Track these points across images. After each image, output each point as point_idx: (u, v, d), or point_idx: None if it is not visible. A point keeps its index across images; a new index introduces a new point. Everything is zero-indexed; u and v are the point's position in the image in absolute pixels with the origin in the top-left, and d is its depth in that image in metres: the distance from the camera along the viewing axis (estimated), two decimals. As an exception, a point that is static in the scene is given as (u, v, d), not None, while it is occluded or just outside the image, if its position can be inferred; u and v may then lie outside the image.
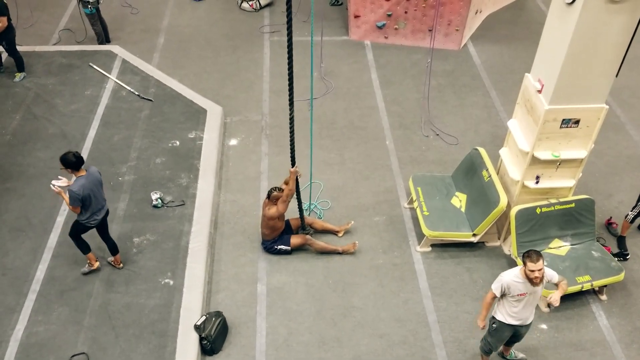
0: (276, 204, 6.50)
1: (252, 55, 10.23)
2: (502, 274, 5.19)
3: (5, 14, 8.56)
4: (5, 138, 8.12)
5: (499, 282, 5.16)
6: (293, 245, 6.82)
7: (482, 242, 7.09)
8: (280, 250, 6.83)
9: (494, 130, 8.80)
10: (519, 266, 5.20)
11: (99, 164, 7.77)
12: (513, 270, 5.19)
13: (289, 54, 5.38)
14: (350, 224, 7.19)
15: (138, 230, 6.95)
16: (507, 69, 10.10)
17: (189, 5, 11.60)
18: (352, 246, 6.87)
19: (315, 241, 6.86)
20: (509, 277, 5.11)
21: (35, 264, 6.55)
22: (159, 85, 9.23)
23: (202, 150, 8.03)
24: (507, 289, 5.12)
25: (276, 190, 6.51)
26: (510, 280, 5.10)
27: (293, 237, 6.85)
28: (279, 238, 6.81)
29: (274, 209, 6.49)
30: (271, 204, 6.53)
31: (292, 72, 5.56)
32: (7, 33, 8.73)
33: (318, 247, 6.86)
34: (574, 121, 6.03)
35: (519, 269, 5.12)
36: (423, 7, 10.00)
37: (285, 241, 6.81)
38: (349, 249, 6.86)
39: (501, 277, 5.17)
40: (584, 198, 6.64)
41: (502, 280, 5.13)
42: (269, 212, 6.53)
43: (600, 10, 5.25)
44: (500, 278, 5.17)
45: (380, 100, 9.33)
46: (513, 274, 5.12)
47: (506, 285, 5.10)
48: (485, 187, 6.79)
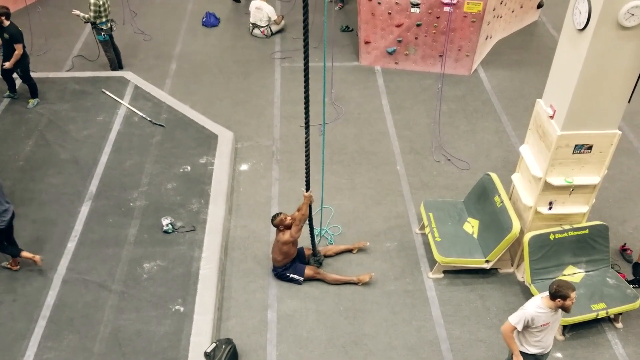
0: (287, 229, 6.47)
1: (264, 81, 10.32)
2: (524, 307, 5.04)
3: (20, 41, 8.73)
4: (18, 164, 8.20)
5: (522, 316, 4.99)
6: (307, 276, 6.77)
7: (495, 269, 7.00)
8: (292, 279, 6.78)
9: (506, 155, 8.76)
10: (538, 296, 5.08)
11: (111, 189, 7.82)
12: (534, 301, 5.04)
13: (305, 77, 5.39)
14: (366, 243, 7.14)
15: (148, 256, 6.94)
16: (518, 94, 10.10)
17: (201, 32, 11.77)
18: (367, 276, 6.78)
19: (326, 275, 6.80)
20: (532, 309, 4.97)
21: (45, 289, 6.54)
22: (171, 111, 9.31)
23: (213, 176, 8.05)
24: (530, 321, 4.98)
25: (278, 216, 6.51)
26: (534, 312, 4.96)
27: (308, 268, 6.80)
28: (291, 266, 6.76)
29: (288, 234, 6.47)
30: (284, 229, 6.51)
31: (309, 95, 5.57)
32: (21, 60, 8.89)
33: (331, 280, 6.80)
34: (586, 147, 5.99)
35: (540, 299, 5.00)
36: (433, 33, 10.08)
37: (299, 271, 6.76)
38: (365, 279, 6.77)
39: (523, 310, 5.01)
40: (598, 224, 6.56)
41: (526, 314, 4.97)
42: (283, 237, 6.50)
43: (611, 36, 5.25)
44: (522, 312, 5.01)
45: (391, 126, 9.35)
46: (535, 305, 4.98)
47: (530, 318, 4.96)
48: (497, 213, 6.74)
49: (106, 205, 7.60)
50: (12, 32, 8.62)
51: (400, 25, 10.13)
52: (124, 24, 11.63)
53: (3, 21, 8.48)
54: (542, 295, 5.07)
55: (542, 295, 5.07)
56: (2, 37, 8.64)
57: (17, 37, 8.67)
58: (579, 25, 5.40)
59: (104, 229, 7.27)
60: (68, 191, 7.80)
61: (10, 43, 8.69)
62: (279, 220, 6.51)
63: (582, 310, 6.09)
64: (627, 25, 5.16)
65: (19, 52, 8.74)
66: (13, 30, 8.64)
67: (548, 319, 4.98)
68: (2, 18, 8.45)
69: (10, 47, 8.73)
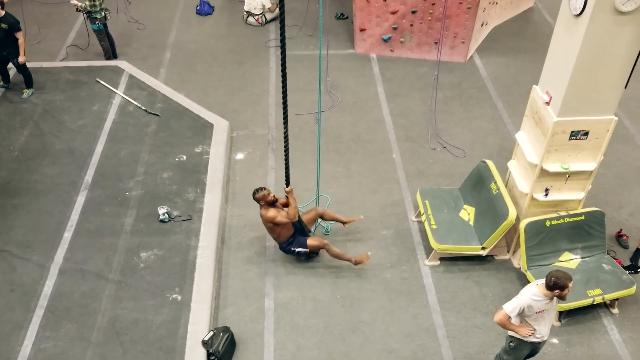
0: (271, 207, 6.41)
1: (258, 69, 10.27)
2: (519, 295, 5.02)
3: (20, 29, 8.68)
4: (13, 154, 8.16)
5: (517, 304, 4.97)
6: (311, 247, 6.67)
7: (491, 256, 7.03)
8: (299, 252, 6.71)
9: (502, 142, 8.76)
10: (533, 284, 5.06)
11: (106, 179, 7.79)
12: (529, 289, 5.02)
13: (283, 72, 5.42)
14: (359, 217, 7.12)
15: (145, 245, 6.94)
16: (514, 81, 10.08)
17: (195, 21, 11.69)
18: (365, 257, 6.77)
19: (332, 247, 6.73)
20: (527, 296, 4.95)
21: (42, 279, 6.54)
22: (166, 100, 9.27)
23: (208, 165, 8.03)
24: (526, 309, 4.97)
25: (260, 191, 6.38)
26: (529, 299, 4.94)
27: (311, 239, 6.71)
28: (294, 240, 6.68)
29: (272, 212, 6.38)
30: (268, 207, 6.42)
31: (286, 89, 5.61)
32: (17, 49, 8.80)
33: (333, 253, 6.74)
34: (582, 133, 5.99)
35: (536, 286, 4.99)
36: (429, 20, 10.03)
37: (302, 243, 6.66)
38: (362, 259, 6.76)
39: (519, 299, 4.99)
40: (594, 210, 6.57)
41: (521, 302, 4.95)
42: (266, 214, 6.40)
43: (608, 22, 5.23)
44: (517, 300, 4.99)
45: (387, 113, 9.33)
46: (531, 293, 4.96)
47: (526, 305, 4.94)
48: (493, 200, 6.75)
49: (102, 195, 7.58)
50: (10, 22, 8.56)
51: (396, 12, 10.08)
52: (118, 12, 11.54)
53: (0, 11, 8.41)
54: (537, 282, 5.06)
55: (537, 282, 5.06)
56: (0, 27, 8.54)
57: (17, 25, 8.62)
58: (575, 11, 5.38)
59: (100, 219, 7.25)
60: (63, 181, 7.77)
61: (9, 33, 8.61)
62: (260, 196, 6.35)
63: (578, 296, 6.12)
64: (624, 10, 5.14)
65: (22, 40, 8.71)
66: (11, 19, 8.58)
67: (543, 307, 4.98)
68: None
69: (8, 37, 8.64)
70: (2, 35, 8.62)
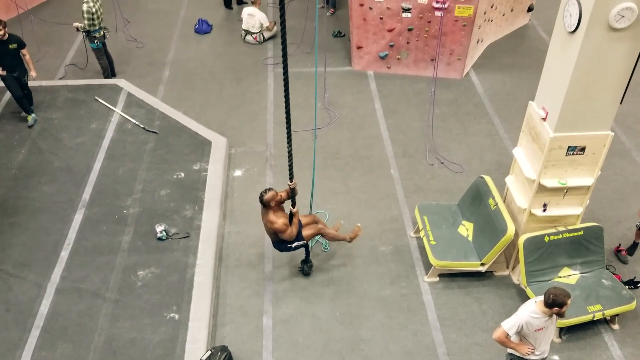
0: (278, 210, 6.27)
1: (257, 86, 10.32)
2: (518, 313, 5.00)
3: (26, 44, 8.75)
4: (11, 172, 8.15)
5: (516, 321, 4.95)
6: (306, 237, 6.54)
7: (491, 272, 7.00)
8: (296, 246, 6.56)
9: (499, 158, 8.78)
10: (532, 301, 5.05)
11: (104, 197, 7.78)
12: (528, 307, 5.01)
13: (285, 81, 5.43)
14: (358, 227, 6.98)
15: (142, 264, 6.90)
16: (510, 96, 10.14)
17: (193, 39, 11.77)
18: (357, 229, 6.79)
19: (327, 230, 6.70)
20: (526, 314, 4.93)
21: (39, 298, 6.49)
22: (164, 117, 9.29)
23: (206, 182, 8.03)
24: (524, 327, 4.94)
25: (267, 192, 6.13)
26: (527, 317, 4.92)
27: (305, 229, 6.56)
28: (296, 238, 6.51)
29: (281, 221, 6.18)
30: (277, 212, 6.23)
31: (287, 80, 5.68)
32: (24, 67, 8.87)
33: (330, 236, 6.73)
34: (579, 148, 6.01)
35: (534, 304, 4.98)
36: (425, 37, 10.11)
37: (299, 237, 6.49)
38: (355, 233, 6.77)
39: (517, 316, 4.97)
40: (592, 225, 6.57)
41: (520, 319, 4.94)
42: (276, 221, 6.16)
43: (602, 38, 5.28)
44: (516, 318, 4.97)
45: (384, 130, 9.36)
46: (529, 310, 4.94)
47: (524, 323, 4.93)
48: (492, 215, 6.74)
49: (99, 212, 7.56)
50: (17, 40, 8.63)
51: (392, 30, 10.16)
52: (117, 31, 11.62)
53: (5, 33, 8.37)
54: (535, 300, 5.04)
55: (535, 300, 5.04)
56: (8, 48, 8.50)
57: (23, 41, 8.70)
58: (569, 28, 5.43)
59: (98, 237, 7.23)
60: (61, 199, 7.76)
61: (17, 52, 8.64)
62: (270, 197, 6.09)
63: (578, 312, 6.09)
64: (617, 27, 5.19)
65: (29, 55, 8.81)
66: (16, 37, 8.66)
67: (542, 324, 4.95)
68: (5, 30, 8.35)
69: (17, 57, 8.66)
70: (13, 55, 8.60)
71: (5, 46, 8.48)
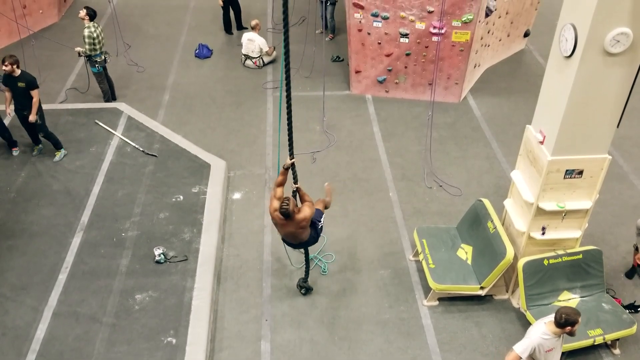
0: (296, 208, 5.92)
1: (256, 110, 10.39)
2: (529, 335, 5.04)
3: (37, 86, 8.42)
4: (10, 195, 8.15)
5: (528, 344, 4.99)
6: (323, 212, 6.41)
7: (490, 295, 6.97)
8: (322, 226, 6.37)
9: (497, 181, 8.81)
10: (541, 323, 5.08)
11: (103, 220, 7.77)
12: (538, 328, 5.05)
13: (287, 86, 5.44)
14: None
15: (140, 287, 6.86)
16: (507, 120, 10.21)
17: (193, 64, 11.88)
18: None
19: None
20: (537, 335, 4.98)
21: (35, 323, 6.43)
22: (164, 141, 9.33)
23: (205, 205, 8.03)
24: (537, 349, 4.98)
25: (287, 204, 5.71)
26: (539, 339, 4.97)
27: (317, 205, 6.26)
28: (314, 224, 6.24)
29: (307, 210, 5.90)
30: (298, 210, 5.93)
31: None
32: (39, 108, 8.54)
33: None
34: (577, 172, 6.04)
35: (544, 325, 5.01)
36: (422, 62, 10.22)
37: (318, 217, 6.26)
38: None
39: (529, 339, 5.01)
40: (592, 249, 6.56)
41: (532, 342, 4.98)
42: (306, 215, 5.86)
43: (598, 63, 5.34)
44: (528, 341, 5.01)
45: (383, 153, 9.40)
46: (540, 332, 4.98)
47: (537, 345, 4.96)
48: (491, 238, 6.73)
49: (98, 236, 7.54)
50: (28, 79, 8.32)
51: (390, 54, 10.28)
52: (118, 55, 11.73)
53: (15, 70, 8.22)
54: (544, 321, 5.06)
55: (544, 321, 5.06)
56: (16, 86, 8.33)
57: (34, 83, 8.35)
58: (565, 52, 5.50)
59: (96, 260, 7.19)
60: (59, 222, 7.74)
61: (27, 91, 8.33)
62: (293, 205, 5.76)
63: (579, 337, 6.01)
64: (613, 52, 5.26)
65: (37, 98, 8.39)
66: (28, 77, 8.35)
67: (552, 345, 5.00)
68: (14, 67, 8.17)
69: (27, 96, 8.36)
70: (21, 94, 8.39)
71: (14, 83, 8.32)
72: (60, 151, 8.89)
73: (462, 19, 9.57)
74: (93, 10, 9.64)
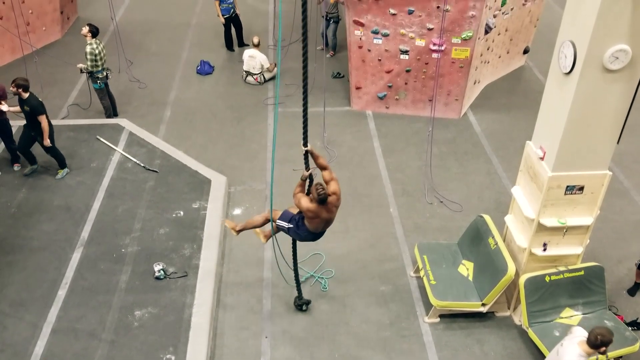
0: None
1: (257, 126, 10.43)
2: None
3: (43, 112, 8.31)
4: (10, 211, 8.15)
5: None
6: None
7: (492, 312, 6.92)
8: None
9: (498, 196, 8.80)
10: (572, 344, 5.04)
11: (103, 235, 7.76)
12: (572, 351, 5.00)
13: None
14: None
15: (140, 303, 6.83)
16: (508, 136, 10.23)
17: (195, 80, 11.95)
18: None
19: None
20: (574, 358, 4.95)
21: (34, 339, 6.39)
22: (165, 156, 9.35)
23: (205, 220, 8.02)
24: None
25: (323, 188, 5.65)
26: None
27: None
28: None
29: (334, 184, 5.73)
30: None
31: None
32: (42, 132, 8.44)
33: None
34: (578, 188, 6.03)
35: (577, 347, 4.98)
36: (422, 78, 10.28)
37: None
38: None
39: None
40: (593, 265, 6.53)
41: None
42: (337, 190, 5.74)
43: (597, 79, 5.37)
44: None
45: (383, 168, 9.40)
46: (576, 354, 4.95)
47: None
48: (492, 254, 6.71)
49: (98, 251, 7.53)
50: (32, 104, 8.24)
51: (390, 71, 10.34)
52: (120, 72, 11.80)
53: (21, 94, 8.20)
54: (576, 341, 5.03)
55: (576, 341, 5.03)
56: (23, 109, 8.36)
57: (38, 108, 8.26)
58: (565, 69, 5.53)
59: (96, 276, 7.17)
60: (59, 238, 7.73)
61: (33, 115, 8.29)
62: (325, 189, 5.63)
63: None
64: (612, 69, 5.29)
65: (45, 123, 8.32)
66: (33, 102, 8.27)
67: None
68: (20, 90, 8.16)
69: (34, 120, 8.33)
70: (27, 116, 8.40)
71: (22, 105, 8.35)
72: (64, 170, 8.88)
73: (462, 36, 9.64)
74: (96, 27, 9.72)
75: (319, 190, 5.63)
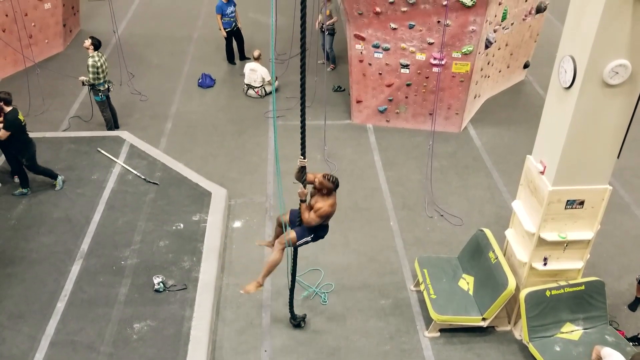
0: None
1: (257, 139, 10.45)
2: None
3: (8, 129, 8.06)
4: (10, 223, 8.14)
5: None
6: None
7: (492, 327, 6.88)
8: None
9: (498, 210, 8.79)
10: None
11: (103, 247, 7.74)
12: None
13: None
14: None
15: (139, 316, 6.79)
16: (508, 150, 10.25)
17: (196, 93, 12.00)
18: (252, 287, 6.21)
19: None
20: None
21: (32, 352, 6.35)
22: (165, 169, 9.36)
23: (205, 233, 8.00)
24: None
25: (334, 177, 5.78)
26: None
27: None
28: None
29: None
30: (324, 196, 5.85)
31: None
32: (22, 148, 8.36)
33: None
34: (578, 202, 6.03)
35: None
36: (423, 92, 10.32)
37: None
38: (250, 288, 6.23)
39: None
40: (594, 280, 6.51)
41: None
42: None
43: (597, 94, 5.39)
44: None
45: (384, 182, 9.41)
46: None
47: None
48: (492, 268, 6.69)
49: (97, 263, 7.50)
50: (6, 118, 8.06)
51: (391, 85, 10.38)
52: (121, 85, 11.85)
53: (3, 107, 8.09)
54: None
55: None
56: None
57: (8, 122, 8.04)
58: (565, 84, 5.55)
59: (95, 288, 7.14)
60: (59, 250, 7.71)
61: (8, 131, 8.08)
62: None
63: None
64: (612, 83, 5.31)
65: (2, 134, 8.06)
66: (8, 116, 8.06)
67: None
68: (1, 104, 8.03)
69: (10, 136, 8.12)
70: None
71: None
72: (58, 180, 8.81)
73: (462, 51, 9.69)
74: (98, 40, 9.79)
75: (329, 178, 5.76)
